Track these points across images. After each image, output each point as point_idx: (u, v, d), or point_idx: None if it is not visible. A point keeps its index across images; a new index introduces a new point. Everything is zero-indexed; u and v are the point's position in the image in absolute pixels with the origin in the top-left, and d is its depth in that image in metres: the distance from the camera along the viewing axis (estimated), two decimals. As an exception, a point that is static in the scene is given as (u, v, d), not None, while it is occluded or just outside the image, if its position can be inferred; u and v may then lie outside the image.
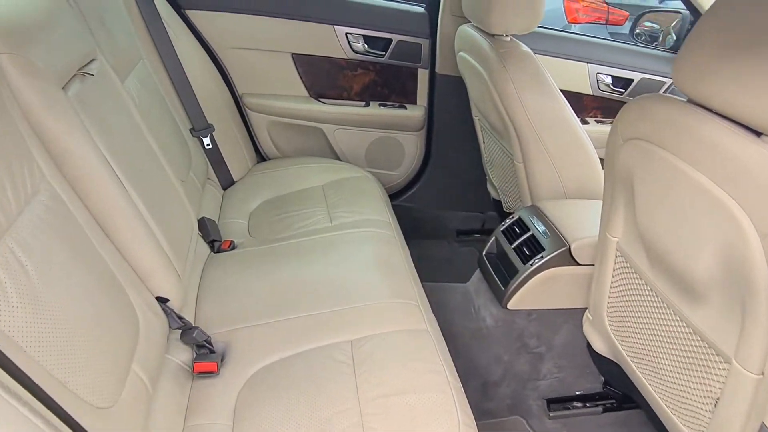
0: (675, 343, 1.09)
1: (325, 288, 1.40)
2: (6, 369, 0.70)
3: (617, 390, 1.64)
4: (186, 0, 1.89)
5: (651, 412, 1.25)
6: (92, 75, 1.15)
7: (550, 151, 1.61)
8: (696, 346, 1.03)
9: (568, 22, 5.03)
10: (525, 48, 1.58)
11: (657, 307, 1.15)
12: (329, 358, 1.22)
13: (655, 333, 1.17)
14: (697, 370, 1.04)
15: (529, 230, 1.57)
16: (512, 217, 1.67)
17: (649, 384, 1.22)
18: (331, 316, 1.32)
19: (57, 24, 1.13)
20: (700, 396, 1.04)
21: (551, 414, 1.60)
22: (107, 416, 0.89)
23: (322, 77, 2.11)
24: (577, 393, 1.65)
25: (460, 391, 1.16)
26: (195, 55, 1.87)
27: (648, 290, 1.17)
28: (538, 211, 1.63)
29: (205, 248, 1.61)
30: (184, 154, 1.69)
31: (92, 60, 1.23)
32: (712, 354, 0.99)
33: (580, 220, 1.52)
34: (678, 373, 1.10)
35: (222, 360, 1.24)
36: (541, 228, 1.56)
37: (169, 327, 1.23)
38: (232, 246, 1.66)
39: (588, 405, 1.62)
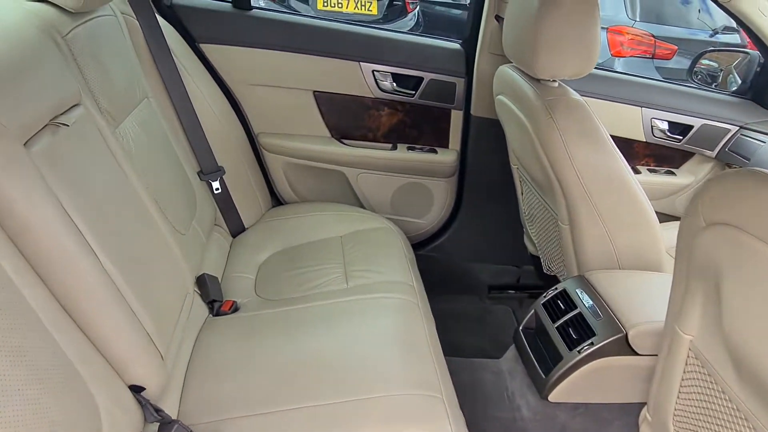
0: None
1: (334, 371, 1.20)
2: None
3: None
4: (200, 34, 1.74)
5: None
6: (67, 126, 0.98)
7: (602, 214, 1.38)
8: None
9: (612, 55, 4.80)
10: (575, 95, 1.37)
11: (738, 425, 0.91)
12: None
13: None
14: None
15: (575, 307, 1.34)
16: (555, 289, 1.44)
17: None
18: (342, 411, 1.11)
19: (32, 69, 0.98)
20: None
21: None
22: None
23: (346, 117, 1.94)
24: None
25: None
26: (208, 92, 1.72)
27: (732, 408, 0.93)
28: (586, 284, 1.39)
29: (202, 310, 1.43)
30: (187, 202, 1.52)
31: (74, 106, 1.07)
32: None
33: (639, 300, 1.28)
34: None
35: (206, 461, 1.04)
36: (590, 304, 1.32)
37: (144, 420, 1.04)
38: (234, 307, 1.47)
39: None
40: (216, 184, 1.73)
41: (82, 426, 0.85)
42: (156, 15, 1.55)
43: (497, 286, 2.22)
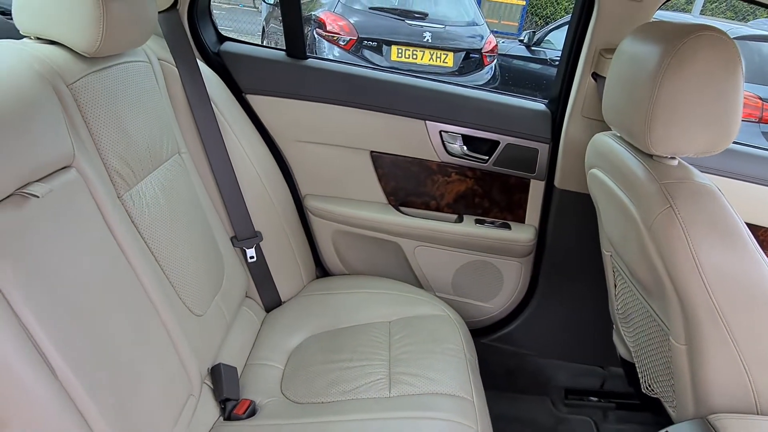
0: None
1: None
2: None
3: None
4: (248, 84, 1.56)
5: None
6: (37, 197, 0.77)
7: (737, 337, 1.02)
8: None
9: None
10: (703, 179, 1.04)
11: None
12: None
13: None
14: None
15: (698, 469, 0.97)
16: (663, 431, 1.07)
17: None
18: None
19: (15, 123, 0.79)
20: None
21: None
22: None
23: (406, 182, 1.68)
24: None
25: None
26: (251, 147, 1.52)
27: None
28: (707, 427, 1.02)
29: (211, 411, 1.17)
30: (211, 276, 1.30)
31: (62, 169, 0.87)
32: None
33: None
34: None
35: None
36: (719, 468, 0.95)
37: None
38: (252, 409, 1.21)
39: None
40: (251, 252, 1.51)
41: None
42: (198, 62, 1.38)
43: (576, 391, 1.84)
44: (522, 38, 6.69)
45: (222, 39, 1.60)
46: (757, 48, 4.74)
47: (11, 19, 1.02)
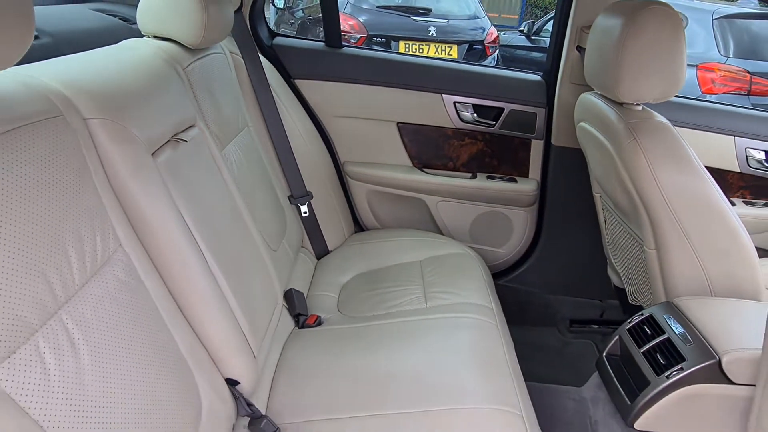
0: None
1: (416, 383, 1.22)
2: None
3: None
4: (296, 70, 1.90)
5: None
6: (186, 141, 1.12)
7: (691, 238, 1.34)
8: None
9: (702, 92, 4.63)
10: (660, 118, 1.37)
11: None
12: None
13: None
14: None
15: (663, 333, 1.29)
16: (641, 314, 1.40)
17: None
18: (421, 419, 1.13)
19: (158, 93, 1.13)
20: None
21: None
22: None
23: (428, 147, 2.01)
24: None
25: None
26: (300, 123, 1.86)
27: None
28: (675, 310, 1.34)
29: (289, 322, 1.51)
30: (278, 222, 1.63)
31: (190, 127, 1.22)
32: None
33: (734, 327, 1.22)
34: None
35: (290, 459, 1.09)
36: (679, 331, 1.27)
37: (237, 413, 1.11)
38: (318, 321, 1.54)
39: None
40: (304, 208, 1.84)
41: (187, 408, 0.94)
42: (258, 54, 1.72)
43: (579, 320, 2.15)
44: (522, 29, 6.99)
45: (273, 35, 1.94)
46: (746, 26, 5.00)
47: (133, 23, 1.36)
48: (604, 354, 1.44)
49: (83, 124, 0.89)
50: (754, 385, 1.07)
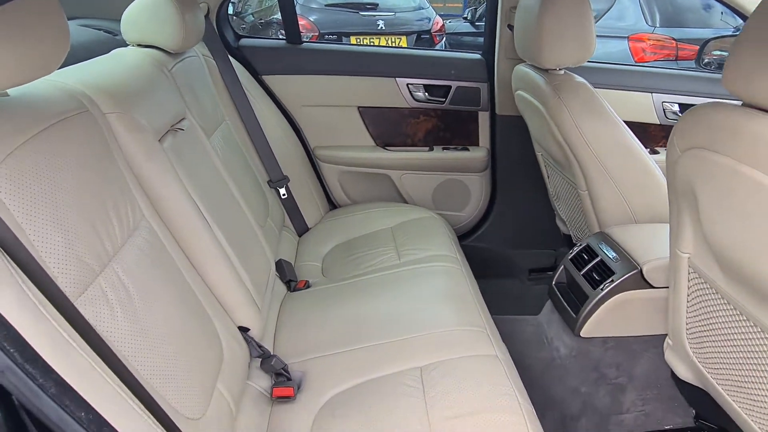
0: (754, 351, 1.04)
1: (394, 318, 1.45)
2: (117, 373, 0.80)
3: (713, 425, 1.53)
4: (262, 67, 2.10)
5: None
6: (183, 130, 1.31)
7: (614, 177, 1.61)
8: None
9: (636, 61, 4.99)
10: (579, 78, 1.63)
11: (739, 324, 1.10)
12: (400, 385, 1.24)
13: (742, 352, 1.11)
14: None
15: (597, 256, 1.56)
16: (580, 245, 1.66)
17: (744, 412, 1.15)
18: (401, 345, 1.36)
19: (155, 89, 1.32)
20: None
21: (639, 450, 1.51)
22: (196, 427, 0.97)
23: (387, 126, 2.24)
24: (666, 428, 1.56)
25: (531, 414, 1.15)
26: (271, 114, 2.06)
27: (727, 306, 1.13)
28: (606, 237, 1.61)
29: (282, 288, 1.71)
30: (262, 203, 1.83)
31: (182, 119, 1.41)
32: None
33: (651, 242, 1.49)
34: (761, 380, 1.04)
35: (299, 387, 1.30)
36: (610, 253, 1.54)
37: (250, 355, 1.31)
38: (307, 285, 1.75)
39: (680, 441, 1.53)
40: (283, 191, 2.05)
41: (213, 347, 1.14)
42: (228, 55, 1.91)
43: (537, 269, 2.42)
44: (466, 16, 7.29)
45: (239, 37, 2.13)
46: (670, -2, 5.39)
47: (117, 35, 1.54)
48: (554, 283, 1.70)
49: (104, 118, 1.08)
50: (669, 287, 1.34)
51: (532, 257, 2.42)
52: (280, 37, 2.20)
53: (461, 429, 1.10)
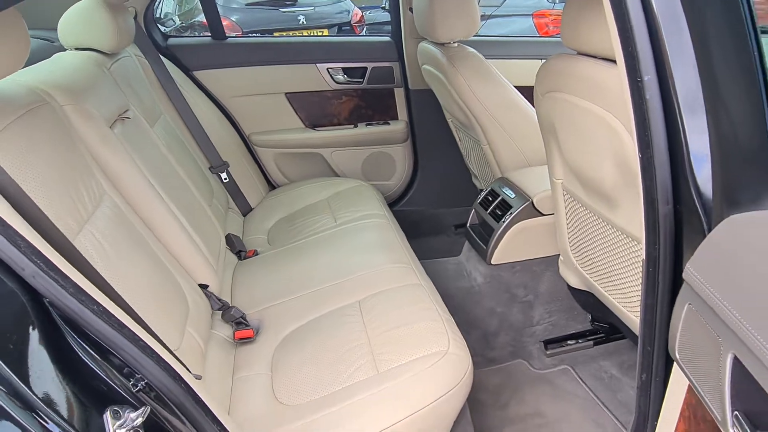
0: (613, 247, 1.35)
1: (333, 267, 1.69)
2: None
3: (604, 324, 1.86)
4: (192, 63, 2.27)
5: (634, 337, 1.47)
6: (129, 119, 1.50)
7: (506, 130, 1.91)
8: (624, 241, 1.29)
9: (540, 36, 5.42)
10: (470, 49, 1.91)
11: (601, 227, 1.41)
12: (343, 316, 1.49)
13: (606, 251, 1.42)
14: (629, 261, 1.29)
15: (499, 196, 1.85)
16: (485, 190, 1.95)
17: (619, 302, 1.45)
18: (341, 286, 1.60)
19: (99, 84, 1.50)
20: (636, 281, 1.28)
21: (548, 353, 1.82)
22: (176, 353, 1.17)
23: (314, 109, 2.46)
24: (570, 333, 1.88)
25: (450, 321, 1.41)
26: (206, 107, 2.24)
27: (591, 216, 1.43)
28: (505, 180, 1.91)
29: (233, 257, 1.92)
30: (206, 186, 2.02)
31: (127, 110, 1.59)
32: (633, 242, 1.24)
33: (540, 179, 1.79)
34: (622, 270, 1.34)
35: (257, 331, 1.52)
36: (509, 192, 1.83)
37: (212, 308, 1.52)
38: (256, 254, 1.96)
39: (580, 341, 1.84)
40: (224, 176, 2.24)
41: (180, 300, 1.34)
42: (159, 54, 2.08)
43: (460, 224, 2.70)
44: (384, 5, 7.55)
45: (166, 37, 2.29)
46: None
47: (54, 42, 1.69)
48: (468, 225, 1.99)
49: (61, 110, 1.26)
50: (553, 213, 1.64)
51: (455, 214, 2.70)
52: (205, 35, 2.37)
53: (393, 337, 1.35)
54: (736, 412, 0.57)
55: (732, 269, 0.63)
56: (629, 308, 1.37)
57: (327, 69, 2.40)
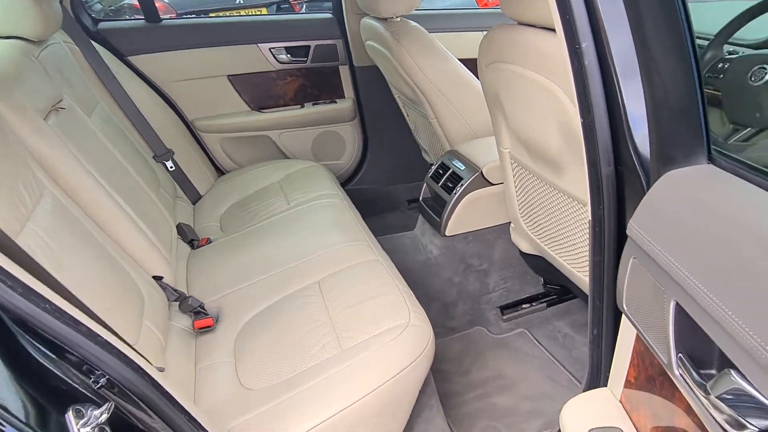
0: (561, 211, 1.40)
1: (290, 249, 1.68)
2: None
3: (555, 286, 1.94)
4: (126, 48, 2.18)
5: (584, 296, 1.53)
6: (64, 109, 1.43)
7: (453, 103, 1.93)
8: (571, 205, 1.34)
9: (480, 7, 5.46)
10: (413, 23, 1.91)
11: (547, 192, 1.45)
12: (303, 297, 1.49)
13: (552, 214, 1.47)
14: (576, 224, 1.35)
15: (450, 169, 1.88)
16: (436, 164, 1.98)
17: (568, 263, 1.51)
18: (299, 268, 1.60)
19: (28, 74, 1.41)
20: (584, 242, 1.34)
21: (505, 318, 1.89)
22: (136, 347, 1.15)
23: (258, 91, 2.41)
24: (524, 297, 1.95)
25: (409, 294, 1.44)
26: (144, 93, 2.15)
27: (538, 181, 1.48)
28: (455, 153, 1.94)
29: (185, 247, 1.88)
30: (152, 176, 1.96)
31: (61, 100, 1.51)
32: (580, 205, 1.29)
33: (488, 150, 1.83)
34: (570, 233, 1.40)
35: (217, 320, 1.50)
36: (459, 165, 1.86)
37: (168, 300, 1.49)
38: (209, 242, 1.93)
39: (534, 304, 1.92)
40: (169, 164, 2.17)
41: (134, 294, 1.31)
42: (89, 40, 1.98)
43: (413, 199, 2.74)
44: (322, -19, 7.40)
45: (96, 21, 2.18)
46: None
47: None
48: (420, 199, 2.02)
49: None
50: (502, 182, 1.68)
51: (407, 189, 2.73)
52: (137, 18, 2.27)
53: (354, 314, 1.37)
54: (680, 355, 0.61)
55: (670, 223, 0.68)
56: (578, 269, 1.44)
57: (269, 49, 2.34)
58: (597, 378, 1.11)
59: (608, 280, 0.98)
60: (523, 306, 1.92)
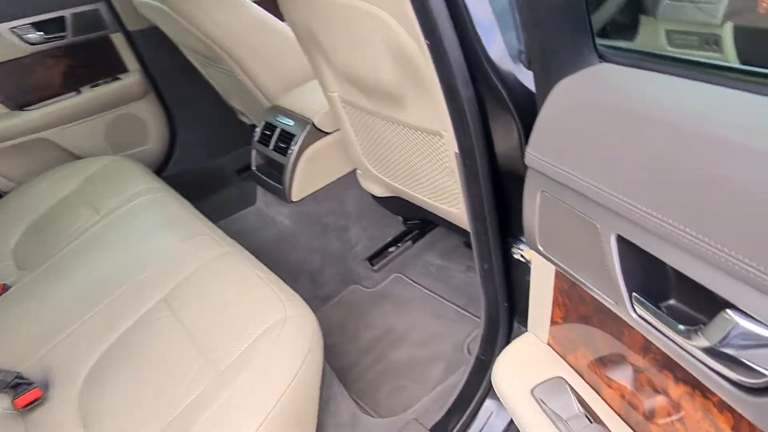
0: (409, 147, 1.30)
1: (119, 268, 1.38)
2: None
3: (414, 220, 1.89)
4: None
5: (445, 223, 1.47)
6: None
7: (259, 52, 1.70)
8: (419, 138, 1.24)
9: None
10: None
11: (386, 128, 1.34)
12: (150, 322, 1.23)
13: (398, 149, 1.37)
14: (430, 156, 1.26)
15: (277, 128, 1.68)
16: (260, 125, 1.76)
17: (416, 192, 1.43)
18: (137, 288, 1.32)
19: None
20: (442, 174, 1.27)
21: (375, 268, 1.80)
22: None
23: (13, 84, 1.92)
24: (389, 240, 1.87)
25: (275, 280, 1.26)
26: None
27: (376, 119, 1.35)
28: (278, 108, 1.73)
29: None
30: None
31: None
32: (431, 136, 1.20)
33: (313, 98, 1.66)
34: (425, 166, 1.32)
35: (47, 387, 1.18)
36: (286, 121, 1.67)
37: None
38: (6, 289, 1.52)
39: (400, 245, 1.86)
40: None
41: None
42: None
43: (242, 168, 2.49)
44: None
45: None
46: None
47: None
48: (253, 168, 1.80)
49: None
50: (338, 130, 1.53)
51: (234, 159, 2.47)
52: None
53: (220, 325, 1.16)
54: (634, 293, 0.54)
55: (579, 142, 0.58)
56: (441, 200, 1.37)
57: (10, 29, 1.84)
58: (496, 311, 1.07)
59: (490, 213, 0.90)
60: (390, 250, 1.85)
